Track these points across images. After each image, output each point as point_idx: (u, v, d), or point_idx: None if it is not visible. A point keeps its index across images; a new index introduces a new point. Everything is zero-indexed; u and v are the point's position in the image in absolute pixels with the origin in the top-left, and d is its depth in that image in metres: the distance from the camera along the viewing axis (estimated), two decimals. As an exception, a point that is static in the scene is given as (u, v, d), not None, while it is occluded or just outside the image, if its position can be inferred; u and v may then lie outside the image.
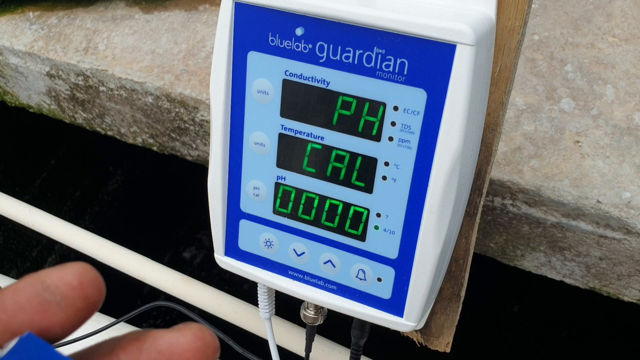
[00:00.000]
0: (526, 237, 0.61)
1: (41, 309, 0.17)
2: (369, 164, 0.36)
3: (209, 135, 0.70)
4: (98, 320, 0.60)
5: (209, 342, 0.18)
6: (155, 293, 0.62)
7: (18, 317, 0.17)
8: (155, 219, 1.60)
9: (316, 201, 0.39)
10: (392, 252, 0.38)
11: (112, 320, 0.62)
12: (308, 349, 0.51)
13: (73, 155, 1.40)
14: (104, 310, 0.65)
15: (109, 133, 0.83)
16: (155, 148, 0.80)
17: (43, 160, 1.35)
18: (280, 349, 0.54)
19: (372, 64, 0.34)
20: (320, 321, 0.48)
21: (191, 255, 1.61)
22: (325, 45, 0.34)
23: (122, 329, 0.60)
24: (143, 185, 1.60)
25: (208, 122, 0.68)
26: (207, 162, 0.76)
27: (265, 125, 0.38)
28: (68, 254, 1.45)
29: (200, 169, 0.81)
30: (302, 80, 0.36)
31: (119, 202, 1.55)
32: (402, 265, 0.38)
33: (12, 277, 1.10)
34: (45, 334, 0.17)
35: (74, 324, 0.18)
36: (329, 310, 0.46)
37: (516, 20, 0.34)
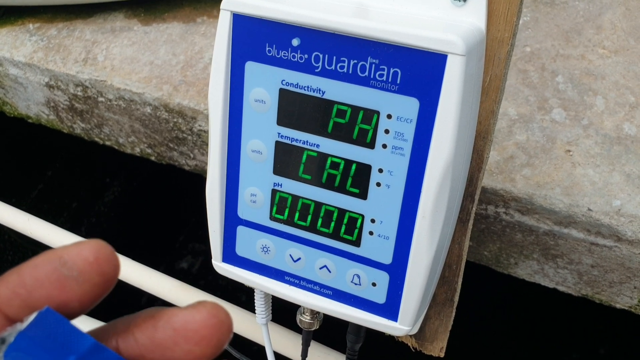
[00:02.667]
0: (519, 245, 0.62)
1: (59, 284, 0.18)
2: (364, 170, 0.37)
3: (206, 145, 0.71)
4: (94, 326, 0.61)
5: (223, 319, 0.18)
6: (151, 300, 0.63)
7: (37, 292, 0.18)
8: (152, 228, 1.60)
9: (312, 207, 0.40)
10: (387, 258, 0.39)
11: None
12: (304, 354, 0.51)
13: (70, 166, 1.41)
14: (100, 317, 0.65)
15: (107, 143, 0.84)
16: (153, 158, 0.81)
17: (40, 171, 1.36)
18: (277, 355, 0.54)
19: (366, 73, 0.35)
20: (316, 326, 0.48)
21: (188, 264, 1.62)
22: (321, 56, 0.35)
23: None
24: (140, 195, 1.61)
25: (206, 132, 0.69)
26: (204, 171, 0.77)
27: (262, 133, 0.39)
28: (64, 265, 1.44)
29: (197, 179, 0.82)
30: (298, 90, 0.37)
31: (115, 212, 1.56)
32: (396, 270, 0.39)
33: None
34: (63, 308, 0.18)
35: (91, 299, 0.18)
36: (324, 315, 0.46)
37: (505, 31, 0.36)
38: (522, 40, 0.67)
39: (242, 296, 1.25)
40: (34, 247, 1.35)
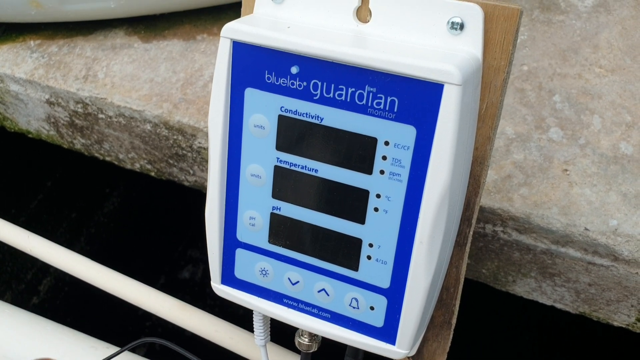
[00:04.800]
0: (517, 264, 0.62)
1: None
2: (361, 195, 0.38)
3: (206, 161, 0.72)
4: (95, 346, 0.61)
5: None
6: (146, 316, 0.63)
7: None
8: (151, 242, 1.60)
9: (310, 231, 0.40)
10: (384, 282, 0.39)
11: (107, 344, 0.62)
12: (302, 375, 0.52)
13: (69, 178, 1.41)
14: (101, 336, 0.66)
15: (107, 159, 0.84)
16: (153, 174, 0.81)
17: (39, 183, 1.36)
18: (275, 375, 0.54)
19: (364, 101, 0.35)
20: (314, 348, 0.48)
21: (185, 280, 1.62)
22: (319, 83, 0.36)
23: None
24: (139, 209, 1.61)
25: (205, 149, 0.70)
26: (204, 187, 0.77)
27: (262, 158, 0.40)
28: (63, 277, 1.45)
29: (197, 194, 0.83)
30: (297, 116, 0.37)
31: (114, 225, 1.56)
32: (394, 294, 0.40)
33: (6, 300, 1.10)
34: None
35: None
36: (323, 337, 0.47)
37: (502, 59, 0.36)
38: (519, 59, 0.67)
39: (240, 310, 1.25)
40: (33, 259, 1.35)
